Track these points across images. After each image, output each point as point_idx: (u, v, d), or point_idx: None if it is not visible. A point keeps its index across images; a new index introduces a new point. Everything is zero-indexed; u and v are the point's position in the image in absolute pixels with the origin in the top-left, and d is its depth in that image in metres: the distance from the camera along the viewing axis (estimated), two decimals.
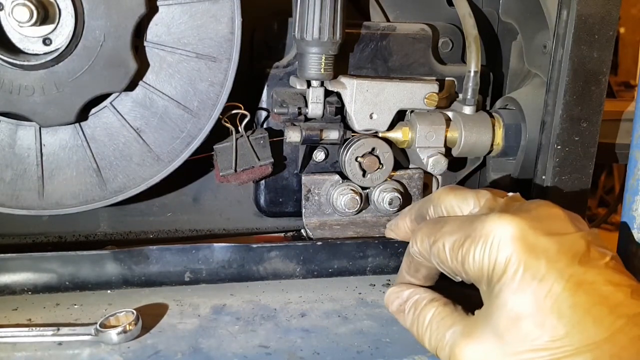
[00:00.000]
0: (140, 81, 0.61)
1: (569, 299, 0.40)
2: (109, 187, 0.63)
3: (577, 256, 0.42)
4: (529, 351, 0.40)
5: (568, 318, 0.39)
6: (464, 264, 0.45)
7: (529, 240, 0.42)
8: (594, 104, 0.67)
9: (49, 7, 0.55)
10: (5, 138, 0.61)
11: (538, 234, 0.42)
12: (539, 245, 0.42)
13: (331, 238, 0.69)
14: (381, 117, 0.70)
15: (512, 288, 0.41)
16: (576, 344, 0.39)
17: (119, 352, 0.53)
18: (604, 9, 0.64)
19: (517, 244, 0.42)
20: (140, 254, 0.62)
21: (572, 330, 0.39)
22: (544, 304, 0.40)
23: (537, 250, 0.42)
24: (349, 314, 0.62)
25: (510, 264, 0.42)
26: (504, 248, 0.42)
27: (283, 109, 0.67)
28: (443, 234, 0.48)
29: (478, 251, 0.44)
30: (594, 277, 0.41)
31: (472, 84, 0.71)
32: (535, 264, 0.41)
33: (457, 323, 0.46)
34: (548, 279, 0.40)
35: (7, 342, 0.54)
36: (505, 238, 0.42)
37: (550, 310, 0.40)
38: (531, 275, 0.41)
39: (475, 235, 0.44)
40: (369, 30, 0.71)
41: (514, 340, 0.40)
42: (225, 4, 0.60)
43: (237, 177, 0.68)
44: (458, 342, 0.44)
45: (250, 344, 0.56)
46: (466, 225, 0.46)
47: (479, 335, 0.43)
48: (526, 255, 0.42)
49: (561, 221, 0.45)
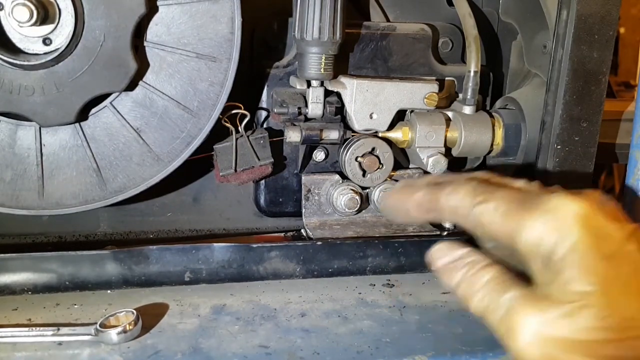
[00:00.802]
0: (140, 81, 0.61)
1: (637, 282, 0.40)
2: (109, 187, 0.63)
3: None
4: (598, 329, 0.39)
5: (637, 298, 0.39)
6: (517, 234, 0.43)
7: (598, 223, 0.42)
8: (594, 104, 0.67)
9: (49, 7, 0.55)
10: (5, 138, 0.61)
11: (605, 218, 0.42)
12: (607, 228, 0.41)
13: (331, 238, 0.69)
14: (381, 117, 0.70)
15: (580, 266, 0.40)
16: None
17: (119, 352, 0.53)
18: (604, 8, 0.64)
19: (586, 223, 0.41)
20: (140, 254, 0.62)
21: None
22: (614, 284, 0.40)
23: (606, 232, 0.41)
24: (349, 314, 0.62)
25: (579, 242, 0.41)
26: (573, 226, 0.41)
27: (283, 109, 0.67)
28: (496, 197, 0.46)
29: (539, 225, 0.42)
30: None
31: (472, 84, 0.71)
32: (604, 245, 0.41)
33: (518, 290, 0.44)
34: (618, 261, 0.40)
35: (7, 342, 0.54)
36: (575, 216, 0.42)
37: (620, 290, 0.40)
38: (601, 255, 0.40)
39: (538, 208, 0.43)
40: (369, 30, 0.71)
41: (582, 317, 0.40)
42: (225, 4, 0.60)
43: (237, 177, 0.68)
44: (519, 308, 0.43)
45: (250, 344, 0.56)
46: (526, 196, 0.45)
47: (543, 308, 0.42)
48: (595, 236, 0.41)
49: (617, 210, 0.44)
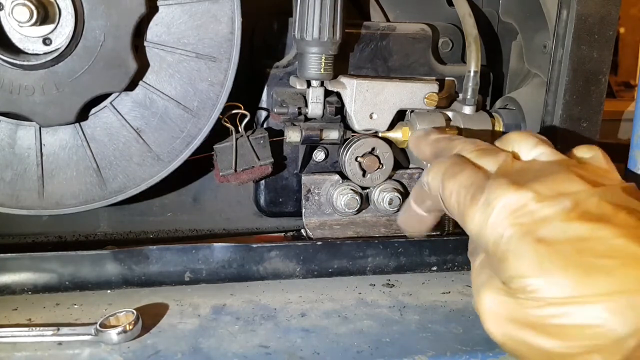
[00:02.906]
0: (140, 81, 0.61)
1: (574, 257, 0.40)
2: (109, 187, 0.63)
3: (584, 215, 0.42)
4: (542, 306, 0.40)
5: (574, 273, 0.40)
6: (465, 224, 0.47)
7: (531, 208, 0.42)
8: (594, 104, 0.67)
9: (49, 7, 0.55)
10: (5, 138, 0.61)
11: (541, 199, 0.43)
12: (541, 211, 0.42)
13: (331, 238, 0.69)
14: (381, 117, 0.70)
15: (515, 256, 0.42)
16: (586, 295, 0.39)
17: (119, 352, 0.53)
18: (604, 8, 0.64)
19: (518, 213, 0.43)
20: (140, 254, 0.62)
21: (579, 283, 0.39)
22: (547, 263, 0.41)
23: (540, 216, 0.42)
24: (349, 314, 0.62)
25: (512, 235, 0.42)
26: (505, 219, 0.43)
27: (283, 108, 0.67)
28: (455, 181, 0.48)
29: (478, 217, 0.45)
30: (603, 233, 0.40)
31: (472, 83, 0.71)
32: (538, 229, 0.42)
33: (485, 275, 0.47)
34: (553, 241, 0.41)
35: (7, 342, 0.54)
36: (506, 209, 0.43)
37: (559, 270, 0.40)
38: (535, 241, 0.41)
39: (479, 200, 0.45)
40: (369, 30, 0.71)
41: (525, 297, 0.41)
42: (225, 4, 0.60)
43: (237, 177, 0.68)
44: (482, 293, 0.45)
45: (250, 344, 0.56)
46: (478, 182, 0.47)
47: (494, 288, 0.44)
48: (528, 224, 0.42)
49: (572, 181, 0.44)
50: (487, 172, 0.48)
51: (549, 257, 0.40)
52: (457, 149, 0.53)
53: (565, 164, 0.47)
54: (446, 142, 0.55)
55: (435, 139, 0.57)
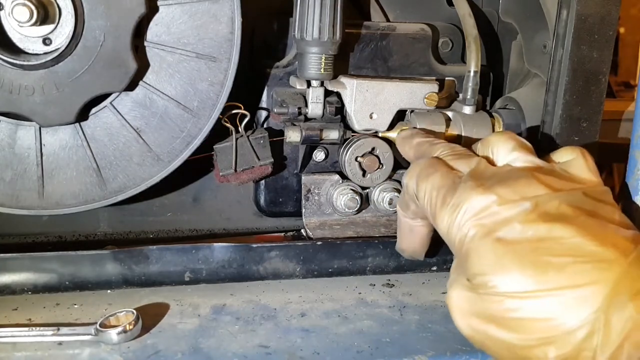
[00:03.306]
0: (140, 81, 0.61)
1: (531, 255, 0.42)
2: (109, 187, 0.63)
3: (543, 217, 0.44)
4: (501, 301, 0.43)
5: (530, 271, 0.42)
6: (435, 224, 0.50)
7: (493, 211, 0.45)
8: (594, 104, 0.67)
9: (49, 7, 0.55)
10: (5, 138, 0.61)
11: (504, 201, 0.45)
12: (502, 213, 0.45)
13: (331, 238, 0.69)
14: (381, 117, 0.70)
15: (476, 252, 0.45)
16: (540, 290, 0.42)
17: (119, 352, 0.53)
18: (604, 8, 0.64)
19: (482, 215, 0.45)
20: (140, 254, 0.62)
21: (535, 280, 0.42)
22: (506, 261, 0.43)
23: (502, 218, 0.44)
24: (349, 314, 0.62)
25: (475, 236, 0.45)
26: (468, 221, 0.46)
27: (283, 108, 0.67)
28: (428, 183, 0.51)
29: (446, 220, 0.47)
30: (560, 233, 0.43)
31: (472, 83, 0.71)
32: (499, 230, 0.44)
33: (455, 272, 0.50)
34: (513, 241, 0.43)
35: (7, 342, 0.54)
36: (471, 212, 0.46)
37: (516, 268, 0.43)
38: (495, 242, 0.44)
39: (447, 203, 0.48)
40: (369, 30, 0.71)
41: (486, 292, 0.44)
42: (225, 4, 0.60)
43: (237, 177, 0.68)
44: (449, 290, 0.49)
45: (250, 344, 0.56)
46: (449, 184, 0.49)
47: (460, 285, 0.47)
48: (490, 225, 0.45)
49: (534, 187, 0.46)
50: (460, 175, 0.51)
51: (507, 256, 0.43)
52: (437, 153, 0.56)
53: (532, 169, 0.49)
54: (428, 145, 0.58)
55: (418, 142, 0.60)
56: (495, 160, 0.52)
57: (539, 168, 0.49)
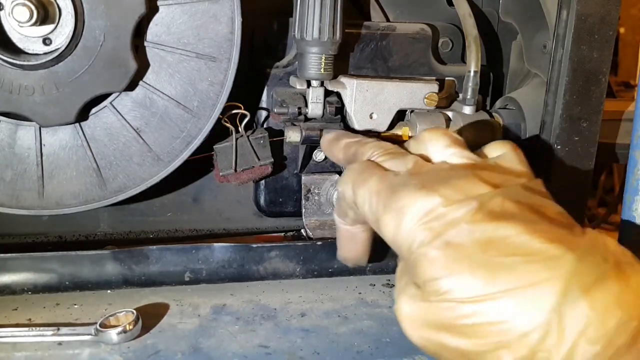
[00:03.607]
0: (140, 81, 0.61)
1: (480, 257, 0.41)
2: (109, 187, 0.63)
3: (488, 215, 0.43)
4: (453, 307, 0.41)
5: (481, 273, 0.41)
6: (379, 229, 0.47)
7: (439, 213, 0.43)
8: (594, 104, 0.67)
9: (49, 7, 0.55)
10: (5, 138, 0.61)
11: (449, 204, 0.43)
12: (449, 214, 0.43)
13: (331, 238, 0.69)
14: (381, 117, 0.70)
15: (425, 257, 0.43)
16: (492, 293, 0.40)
17: (119, 352, 0.53)
18: (604, 8, 0.64)
19: (426, 219, 0.43)
20: (140, 254, 0.62)
21: (485, 283, 0.40)
22: (456, 265, 0.42)
23: (448, 219, 0.43)
24: (349, 314, 0.62)
25: (422, 240, 0.43)
26: (415, 226, 0.44)
27: (283, 108, 0.67)
28: (365, 189, 0.49)
29: (392, 225, 0.45)
30: (506, 232, 0.42)
31: (472, 83, 0.71)
32: (446, 232, 0.43)
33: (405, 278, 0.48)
34: (458, 244, 0.42)
35: (7, 342, 0.54)
36: (416, 215, 0.44)
37: (466, 269, 0.41)
38: (443, 244, 0.42)
39: (391, 207, 0.46)
40: (369, 30, 0.71)
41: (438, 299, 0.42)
42: (225, 4, 0.60)
43: (237, 177, 0.68)
44: (398, 298, 0.47)
45: (250, 344, 0.56)
46: (388, 190, 0.47)
47: (410, 293, 0.45)
48: (436, 227, 0.43)
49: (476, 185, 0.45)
50: (395, 175, 0.49)
51: (457, 259, 0.42)
52: (368, 154, 0.53)
53: (472, 166, 0.48)
54: (357, 146, 0.56)
55: (346, 143, 0.57)
56: (430, 158, 0.51)
57: (476, 164, 0.48)
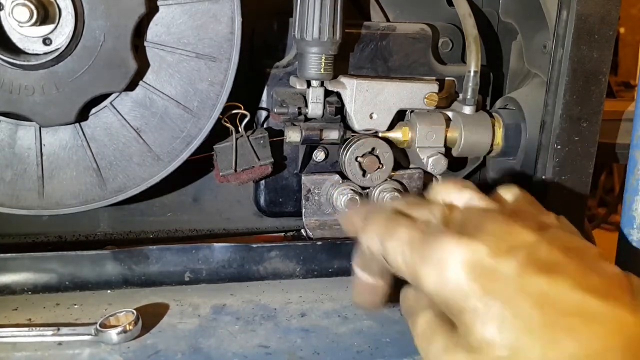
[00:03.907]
0: (140, 81, 0.61)
1: (538, 316, 0.39)
2: (109, 187, 0.63)
3: (539, 267, 0.40)
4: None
5: (540, 335, 0.38)
6: (420, 283, 0.44)
7: (488, 266, 0.41)
8: (594, 104, 0.67)
9: (49, 7, 0.55)
10: (5, 138, 0.61)
11: (497, 257, 0.41)
12: (498, 269, 0.40)
13: (331, 238, 0.69)
14: (381, 117, 0.70)
15: (477, 316, 0.40)
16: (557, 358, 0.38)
17: (119, 352, 0.53)
18: (604, 8, 0.64)
19: (475, 272, 0.41)
20: (140, 254, 0.62)
21: (546, 347, 0.38)
22: (514, 325, 0.39)
23: (497, 275, 0.40)
24: (349, 314, 0.62)
25: (471, 293, 0.40)
26: (462, 278, 0.41)
27: (283, 108, 0.67)
28: (396, 240, 0.46)
29: (434, 277, 0.42)
30: (560, 286, 0.39)
31: (472, 84, 0.71)
32: (498, 288, 0.40)
33: (441, 339, 0.44)
34: (514, 300, 0.39)
35: (7, 342, 0.54)
36: (463, 267, 0.41)
37: (522, 330, 0.39)
38: (495, 300, 0.40)
39: (430, 258, 0.42)
40: (369, 30, 0.71)
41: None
42: (225, 4, 0.60)
43: (237, 177, 0.68)
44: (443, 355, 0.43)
45: (250, 344, 0.56)
46: (421, 240, 0.44)
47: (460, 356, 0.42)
48: (486, 283, 0.40)
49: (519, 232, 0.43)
50: (426, 224, 0.46)
51: (515, 319, 0.39)
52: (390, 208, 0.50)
53: (500, 211, 0.46)
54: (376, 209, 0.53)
55: (367, 209, 0.54)
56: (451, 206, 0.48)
57: (503, 208, 0.46)
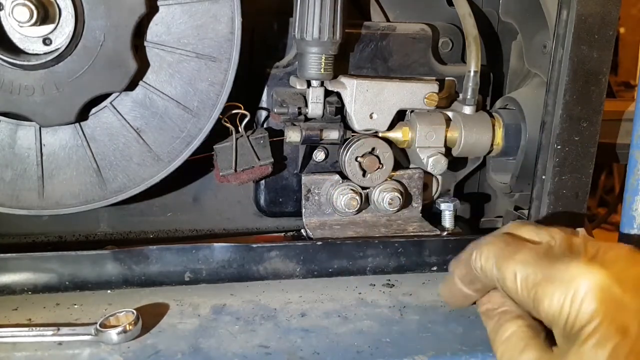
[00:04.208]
0: (140, 81, 0.61)
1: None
2: (109, 187, 0.63)
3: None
4: None
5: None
6: (538, 303, 0.45)
7: (616, 295, 0.42)
8: (594, 104, 0.67)
9: (49, 7, 0.55)
10: (5, 138, 0.61)
11: (625, 288, 0.42)
12: (625, 301, 0.42)
13: (331, 238, 0.69)
14: (381, 117, 0.70)
15: (595, 340, 0.41)
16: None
17: (119, 352, 0.53)
18: (604, 8, 0.64)
19: (604, 297, 0.42)
20: (140, 254, 0.62)
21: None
22: (625, 357, 0.40)
23: (623, 305, 0.41)
24: (349, 314, 0.62)
25: (595, 316, 0.41)
26: (590, 300, 0.42)
27: (283, 108, 0.67)
28: (516, 262, 0.47)
29: (558, 296, 0.43)
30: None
31: (472, 83, 0.71)
32: (620, 318, 0.41)
33: (534, 350, 0.46)
34: (632, 335, 0.40)
35: (7, 342, 0.54)
36: (593, 289, 0.42)
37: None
38: (615, 330, 0.41)
39: (557, 278, 0.44)
40: (369, 30, 0.71)
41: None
42: (225, 4, 0.60)
43: (237, 177, 0.68)
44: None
45: (250, 344, 0.56)
46: (545, 262, 0.45)
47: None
48: (612, 310, 0.41)
49: (635, 261, 0.44)
50: (549, 247, 0.47)
51: (629, 355, 0.40)
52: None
53: (596, 243, 0.47)
54: (490, 236, 0.53)
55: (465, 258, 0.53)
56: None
57: (594, 241, 0.48)
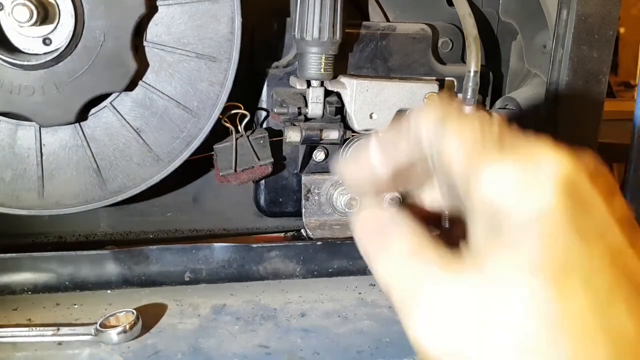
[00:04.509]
0: (140, 81, 0.61)
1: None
2: (109, 187, 0.63)
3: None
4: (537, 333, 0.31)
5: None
6: (479, 174, 0.33)
7: (585, 191, 0.34)
8: (594, 104, 0.67)
9: (49, 7, 0.55)
10: (5, 138, 0.61)
11: (595, 188, 0.33)
12: (595, 202, 0.33)
13: (331, 238, 0.69)
14: (381, 117, 0.70)
15: (542, 244, 0.31)
16: None
17: (119, 352, 0.53)
18: (604, 8, 0.64)
19: (570, 187, 0.33)
20: (140, 254, 0.62)
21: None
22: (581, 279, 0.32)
23: (592, 206, 0.33)
24: (349, 314, 0.62)
25: (553, 209, 0.32)
26: (552, 185, 0.33)
27: (283, 108, 0.67)
28: (468, 130, 0.35)
29: (509, 167, 0.33)
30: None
31: (472, 83, 0.71)
32: (585, 222, 0.32)
33: (431, 253, 0.34)
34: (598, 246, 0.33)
35: (7, 342, 0.54)
36: (558, 174, 0.33)
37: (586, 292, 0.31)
38: (576, 235, 0.31)
39: (515, 151, 0.34)
40: (369, 30, 0.71)
41: (516, 309, 0.31)
42: (225, 4, 0.60)
43: (237, 177, 0.68)
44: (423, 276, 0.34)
45: (250, 344, 0.56)
46: (505, 136, 0.35)
47: (454, 271, 0.31)
48: (576, 207, 0.33)
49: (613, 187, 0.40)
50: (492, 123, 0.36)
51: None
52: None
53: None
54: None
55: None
56: None
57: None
